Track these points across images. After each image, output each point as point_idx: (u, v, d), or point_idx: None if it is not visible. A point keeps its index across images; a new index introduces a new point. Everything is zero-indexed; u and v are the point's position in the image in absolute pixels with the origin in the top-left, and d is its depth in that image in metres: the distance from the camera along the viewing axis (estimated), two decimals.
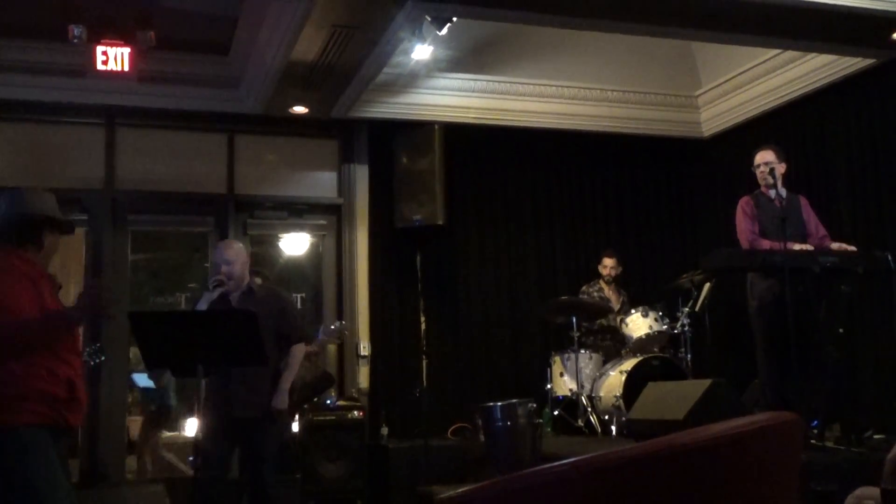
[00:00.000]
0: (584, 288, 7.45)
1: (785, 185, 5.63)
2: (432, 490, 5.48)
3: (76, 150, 6.96)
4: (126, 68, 6.10)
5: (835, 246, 5.41)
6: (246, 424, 4.28)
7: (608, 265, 7.46)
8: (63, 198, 6.65)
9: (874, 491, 3.07)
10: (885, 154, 6.49)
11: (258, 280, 4.74)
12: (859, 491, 3.20)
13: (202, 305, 4.36)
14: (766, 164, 5.53)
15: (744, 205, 5.61)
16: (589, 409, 6.61)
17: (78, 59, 6.33)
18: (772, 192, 5.51)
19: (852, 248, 5.39)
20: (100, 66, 6.05)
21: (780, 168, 5.55)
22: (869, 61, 6.47)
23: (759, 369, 5.54)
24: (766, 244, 5.36)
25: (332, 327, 6.27)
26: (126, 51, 6.07)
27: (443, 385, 7.34)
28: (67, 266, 7.48)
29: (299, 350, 4.58)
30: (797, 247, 5.24)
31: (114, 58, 6.07)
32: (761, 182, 5.59)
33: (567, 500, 1.58)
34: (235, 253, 4.52)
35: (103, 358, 5.12)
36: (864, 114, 6.68)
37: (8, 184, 6.57)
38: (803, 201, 5.72)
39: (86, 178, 6.95)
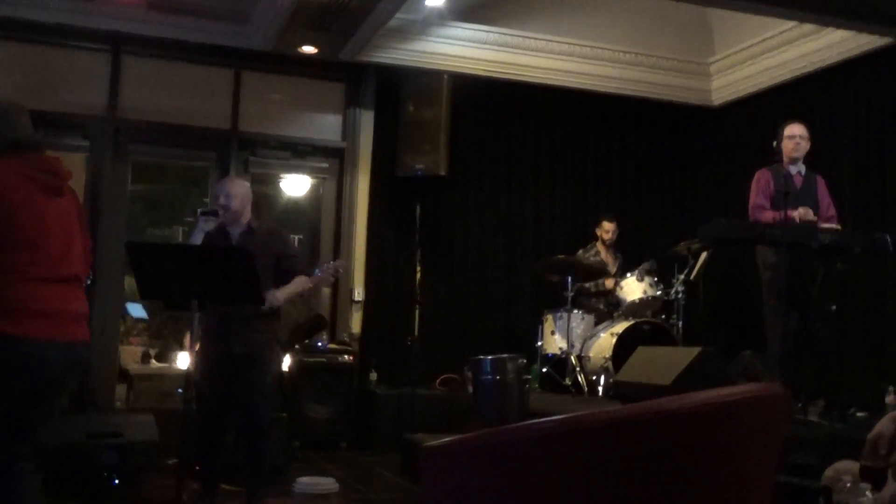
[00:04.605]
0: (580, 252, 7.45)
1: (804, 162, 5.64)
2: (417, 438, 5.54)
3: (80, 75, 6.89)
4: None
5: (822, 226, 5.41)
6: (241, 360, 4.30)
7: (609, 229, 7.45)
8: (64, 123, 6.71)
9: (853, 466, 3.11)
10: (892, 136, 6.45)
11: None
12: (838, 465, 3.25)
13: (197, 237, 4.32)
14: (802, 137, 5.51)
15: (759, 177, 5.60)
16: (577, 369, 6.66)
17: None
18: (792, 168, 5.50)
19: (836, 226, 5.41)
20: None
21: (806, 144, 5.56)
22: (884, 40, 6.39)
23: (769, 340, 5.52)
24: (768, 215, 5.37)
25: (328, 265, 6.23)
26: None
27: (434, 335, 7.38)
28: None
29: (302, 278, 4.55)
30: (796, 214, 5.24)
31: None
32: (792, 154, 5.55)
33: (551, 456, 1.60)
34: (238, 188, 4.49)
35: (89, 282, 5.15)
36: (875, 94, 6.62)
37: None
38: (820, 181, 5.71)
39: (88, 104, 6.89)
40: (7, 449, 3.02)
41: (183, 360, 6.76)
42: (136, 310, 8.64)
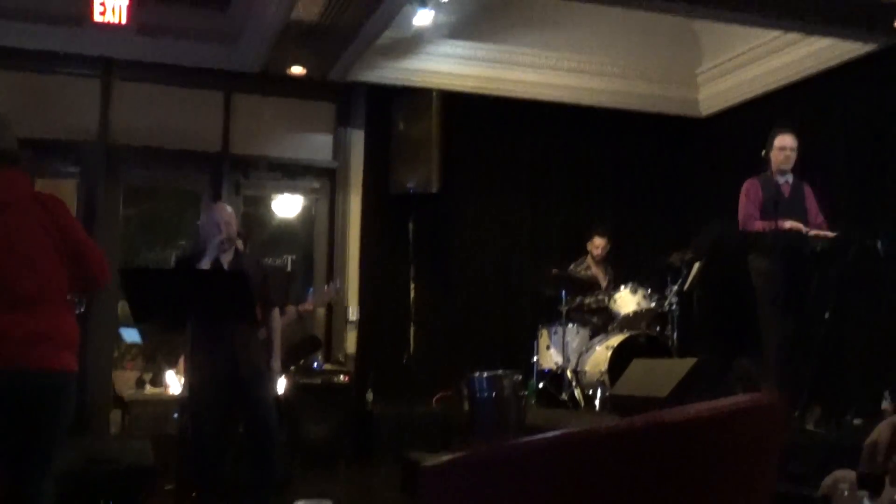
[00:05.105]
0: (571, 267, 7.44)
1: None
2: (415, 456, 5.52)
3: (71, 100, 6.90)
4: (123, 21, 6.04)
5: (812, 233, 5.43)
6: (248, 381, 4.35)
7: (599, 245, 7.44)
8: (56, 149, 6.71)
9: (850, 474, 3.11)
10: (882, 141, 6.49)
11: (240, 242, 4.79)
12: (836, 473, 3.24)
13: (206, 264, 4.37)
14: (792, 149, 5.54)
15: (748, 187, 5.61)
16: (574, 383, 6.65)
17: (75, 9, 6.25)
18: (780, 177, 5.52)
19: (828, 233, 5.42)
20: (97, 18, 5.99)
21: (794, 156, 5.59)
22: (870, 47, 6.44)
23: (764, 348, 5.52)
24: (759, 225, 5.39)
25: (326, 288, 6.30)
26: (124, 3, 5.99)
27: (430, 353, 7.37)
28: None
29: (276, 315, 4.72)
30: (787, 224, 5.26)
31: (111, 9, 6.00)
32: (781, 165, 5.57)
33: (549, 471, 1.60)
34: (230, 216, 4.62)
35: (82, 309, 5.14)
36: (864, 100, 6.67)
37: None
38: (808, 190, 5.74)
39: (80, 129, 6.89)
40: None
41: (174, 383, 6.73)
42: (131, 334, 8.62)
